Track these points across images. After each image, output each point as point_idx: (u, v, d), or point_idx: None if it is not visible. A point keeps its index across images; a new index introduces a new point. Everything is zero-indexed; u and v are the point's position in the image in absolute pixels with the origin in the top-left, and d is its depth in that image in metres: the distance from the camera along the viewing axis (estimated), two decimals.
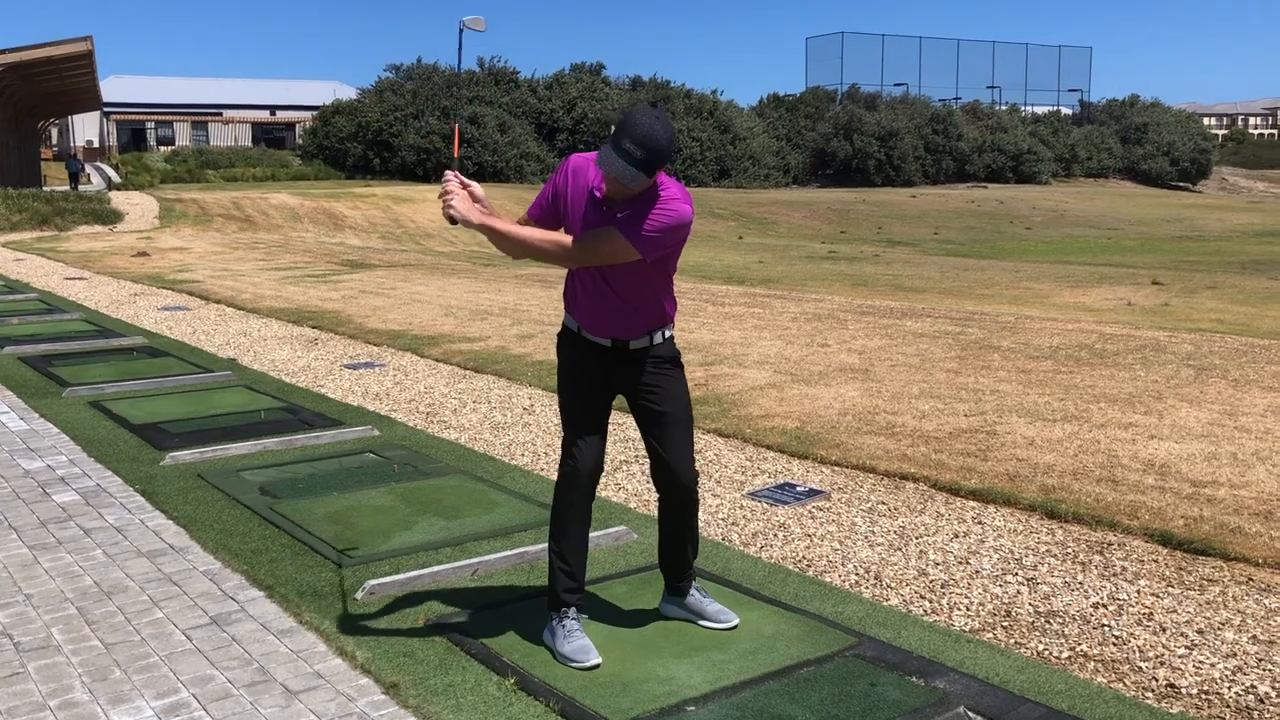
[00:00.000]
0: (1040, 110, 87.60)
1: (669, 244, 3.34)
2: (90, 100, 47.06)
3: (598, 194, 3.32)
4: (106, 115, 64.32)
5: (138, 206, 35.62)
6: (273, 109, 73.23)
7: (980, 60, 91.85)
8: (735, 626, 3.64)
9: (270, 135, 71.45)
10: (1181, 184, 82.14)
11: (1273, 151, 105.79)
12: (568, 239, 3.34)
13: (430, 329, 10.73)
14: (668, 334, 3.55)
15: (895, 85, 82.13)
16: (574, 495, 3.49)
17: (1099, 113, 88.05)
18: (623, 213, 3.27)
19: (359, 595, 3.91)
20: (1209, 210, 55.29)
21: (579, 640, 3.43)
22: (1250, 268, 24.69)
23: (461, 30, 3.73)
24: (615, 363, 3.49)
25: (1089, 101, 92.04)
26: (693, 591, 3.72)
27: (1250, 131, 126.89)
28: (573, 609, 3.51)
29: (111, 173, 49.85)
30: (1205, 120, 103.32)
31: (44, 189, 39.67)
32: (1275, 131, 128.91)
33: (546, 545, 3.61)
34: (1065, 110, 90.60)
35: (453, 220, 3.36)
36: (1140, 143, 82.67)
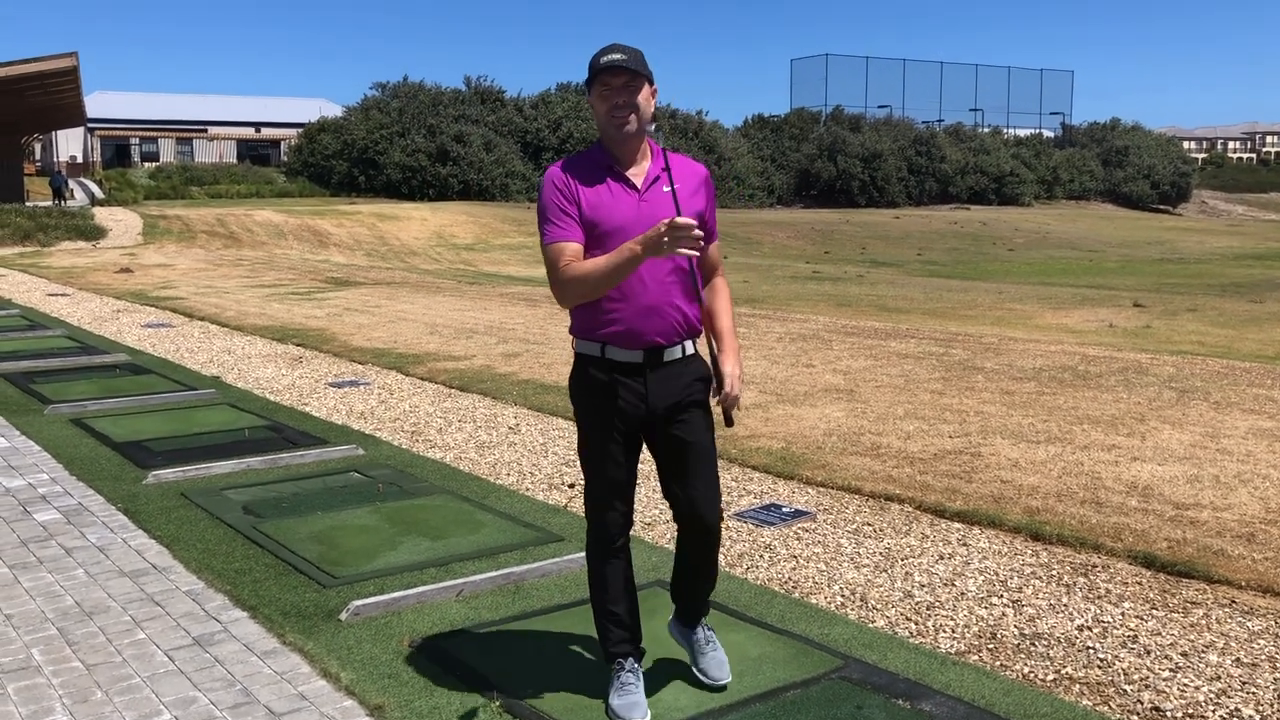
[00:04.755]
0: (1022, 133, 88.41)
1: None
2: (75, 116, 46.87)
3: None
4: (91, 131, 64.08)
5: (121, 223, 35.51)
6: (258, 126, 73.13)
7: (963, 83, 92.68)
8: (724, 687, 3.32)
9: (255, 152, 71.31)
10: (1162, 207, 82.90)
11: (1251, 175, 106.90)
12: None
13: (415, 347, 10.71)
14: (694, 346, 3.15)
15: (879, 107, 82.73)
16: (606, 553, 3.19)
17: (1080, 136, 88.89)
18: (667, 186, 3.11)
19: (343, 616, 3.89)
20: (1189, 233, 55.78)
21: (630, 696, 3.13)
22: (1230, 290, 24.90)
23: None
24: (647, 386, 3.06)
25: (1070, 124, 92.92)
26: (700, 627, 3.40)
27: (1229, 155, 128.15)
28: (629, 659, 3.20)
29: (95, 188, 49.65)
30: (1185, 144, 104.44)
31: (27, 204, 39.49)
32: (1254, 155, 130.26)
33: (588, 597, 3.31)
34: (1047, 133, 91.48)
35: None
36: (1121, 165, 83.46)
